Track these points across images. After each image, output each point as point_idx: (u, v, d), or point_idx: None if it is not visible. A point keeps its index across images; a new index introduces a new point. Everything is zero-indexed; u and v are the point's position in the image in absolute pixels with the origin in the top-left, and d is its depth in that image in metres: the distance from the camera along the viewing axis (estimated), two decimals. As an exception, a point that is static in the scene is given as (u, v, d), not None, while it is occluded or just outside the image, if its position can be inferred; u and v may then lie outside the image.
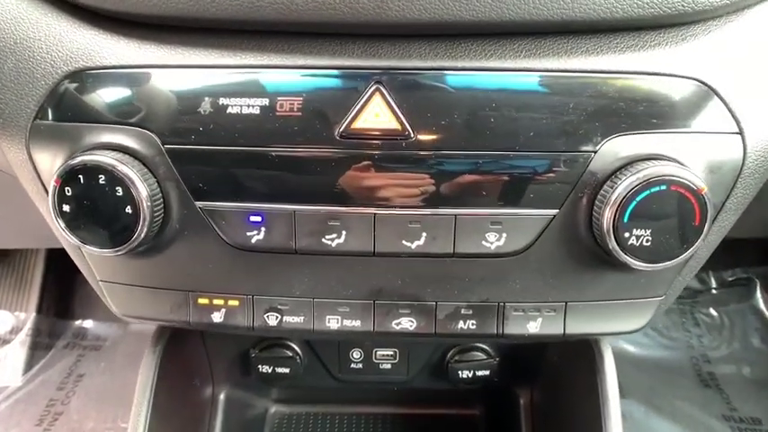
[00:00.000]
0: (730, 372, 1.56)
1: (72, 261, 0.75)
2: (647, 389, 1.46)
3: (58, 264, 1.78)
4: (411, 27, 0.57)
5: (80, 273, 0.75)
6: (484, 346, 0.99)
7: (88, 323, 1.79)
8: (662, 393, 1.46)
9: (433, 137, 0.59)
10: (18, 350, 1.68)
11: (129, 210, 0.59)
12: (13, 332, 1.72)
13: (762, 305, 1.70)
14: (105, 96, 0.61)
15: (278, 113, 0.58)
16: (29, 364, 1.66)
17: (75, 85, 0.61)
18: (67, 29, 0.61)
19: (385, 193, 0.61)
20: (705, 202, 0.57)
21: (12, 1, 0.61)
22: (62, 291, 1.81)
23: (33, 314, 1.74)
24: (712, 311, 1.70)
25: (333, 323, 0.70)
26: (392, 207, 0.61)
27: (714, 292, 1.73)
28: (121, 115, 0.60)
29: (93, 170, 0.58)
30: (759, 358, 1.59)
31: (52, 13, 0.61)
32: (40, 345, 1.72)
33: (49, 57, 0.61)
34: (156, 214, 0.61)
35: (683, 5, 0.56)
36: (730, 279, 1.73)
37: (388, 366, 1.00)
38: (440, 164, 0.60)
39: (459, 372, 0.99)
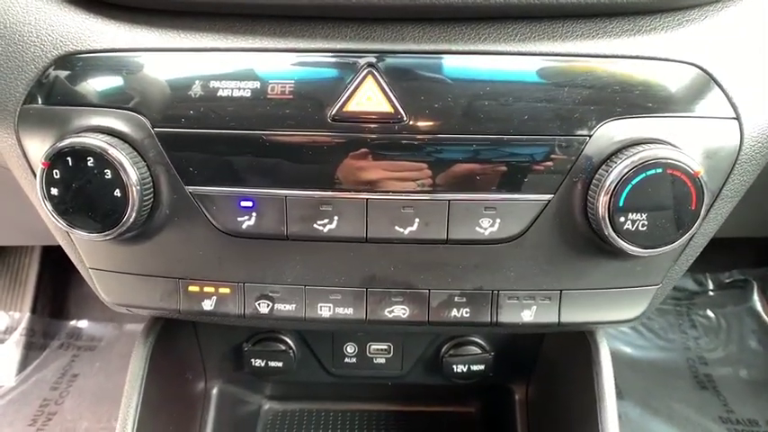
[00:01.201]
0: (727, 374, 1.55)
1: (67, 260, 0.74)
2: (644, 390, 1.45)
3: (53, 263, 1.78)
4: (405, 10, 0.57)
5: (75, 272, 0.74)
6: (479, 340, 0.98)
7: (83, 323, 1.78)
8: (658, 395, 1.45)
9: (426, 121, 0.58)
10: (12, 350, 1.67)
11: (117, 194, 0.59)
12: (7, 332, 1.72)
13: (759, 307, 1.69)
14: (95, 80, 0.60)
15: (269, 97, 0.58)
16: (23, 364, 1.65)
17: (64, 68, 0.60)
18: (57, 12, 0.61)
19: (377, 178, 0.60)
20: (702, 186, 0.56)
21: None
22: (57, 290, 1.80)
23: (28, 314, 1.73)
24: (709, 313, 1.69)
25: (325, 311, 0.69)
26: (385, 192, 0.61)
27: (711, 293, 1.73)
28: (111, 99, 0.60)
29: (81, 153, 0.58)
30: (756, 360, 1.58)
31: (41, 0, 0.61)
32: (35, 345, 1.71)
33: (39, 41, 0.60)
34: (145, 199, 0.60)
35: None
36: (727, 281, 1.73)
37: (383, 361, 1.00)
38: (433, 148, 0.59)
39: (454, 366, 0.98)
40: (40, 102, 0.61)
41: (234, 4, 0.58)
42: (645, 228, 0.57)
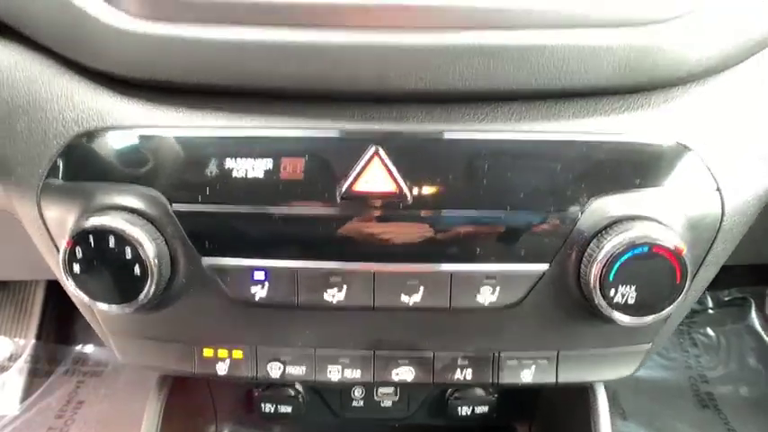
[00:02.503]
0: (728, 392, 1.57)
1: None
2: (648, 411, 1.47)
3: (59, 289, 1.77)
4: (407, 95, 0.60)
5: None
6: None
7: (89, 348, 1.78)
8: (662, 415, 1.47)
9: (429, 198, 0.61)
10: (16, 378, 1.66)
11: (137, 270, 0.61)
12: (11, 359, 1.72)
13: (757, 325, 1.71)
14: (115, 156, 0.63)
15: (281, 175, 0.61)
16: (27, 392, 1.64)
17: (85, 144, 0.62)
18: (80, 89, 0.63)
19: (384, 252, 0.63)
20: (685, 263, 0.59)
21: (26, 60, 0.63)
22: (62, 315, 1.80)
23: (33, 340, 1.73)
24: (709, 331, 1.71)
25: (334, 373, 0.71)
26: (391, 264, 0.63)
27: (711, 312, 1.74)
28: (130, 175, 0.62)
29: (102, 233, 0.60)
30: (755, 378, 1.60)
31: (64, 74, 0.63)
32: (39, 371, 1.71)
33: (61, 117, 0.62)
34: (164, 273, 0.62)
35: (667, 73, 0.59)
36: (726, 299, 1.74)
37: (389, 404, 1.02)
38: (436, 223, 0.62)
39: (459, 408, 1.00)
40: (61, 176, 0.63)
41: (249, 88, 0.60)
42: (633, 300, 0.60)
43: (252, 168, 0.60)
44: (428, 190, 0.61)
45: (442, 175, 0.60)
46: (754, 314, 1.71)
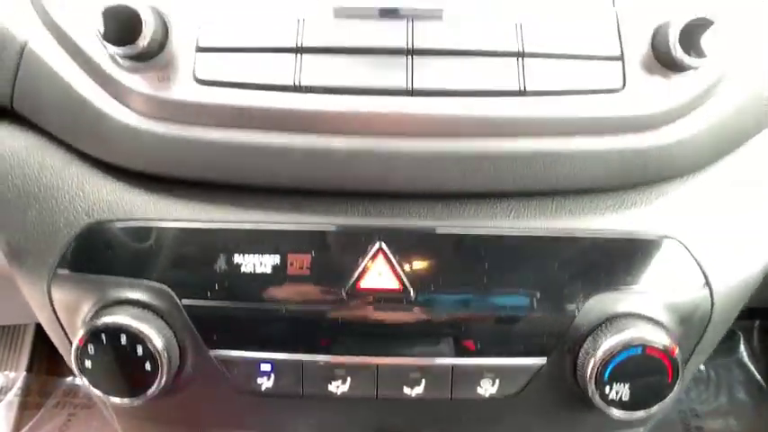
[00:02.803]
0: (718, 427, 1.59)
1: None
2: (639, 446, 1.48)
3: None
4: (410, 194, 0.62)
5: None
6: None
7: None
8: (654, 451, 1.48)
9: (431, 293, 0.62)
10: (6, 411, 1.65)
11: (148, 366, 0.61)
12: (1, 392, 1.70)
13: (746, 358, 1.73)
14: (125, 250, 0.63)
15: (288, 272, 0.62)
16: (18, 425, 1.63)
17: (95, 236, 0.63)
18: (90, 179, 0.64)
19: (387, 345, 0.64)
20: (677, 362, 0.61)
21: (37, 145, 0.64)
22: (53, 348, 1.78)
23: (23, 373, 1.72)
24: (700, 365, 1.73)
25: None
26: (394, 357, 0.64)
27: (700, 345, 1.77)
28: (140, 270, 0.63)
29: (114, 330, 0.60)
30: (744, 412, 1.62)
31: (75, 161, 0.64)
32: (30, 404, 1.70)
33: (72, 207, 0.63)
34: (173, 365, 0.63)
35: (657, 174, 0.63)
36: (716, 333, 1.77)
37: None
38: (438, 318, 0.63)
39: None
40: (71, 267, 0.64)
41: (259, 186, 0.62)
42: (627, 397, 0.62)
43: (259, 264, 0.61)
44: (430, 286, 0.62)
45: (443, 271, 0.62)
46: (743, 347, 1.74)
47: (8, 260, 0.66)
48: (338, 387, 0.65)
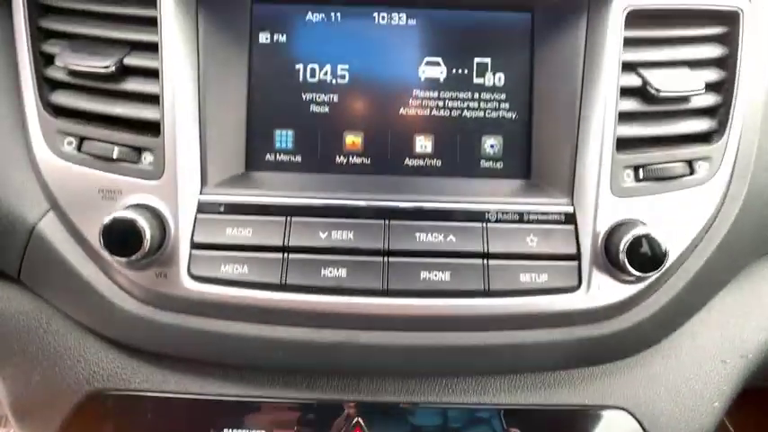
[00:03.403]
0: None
1: None
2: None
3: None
4: (384, 374, 0.69)
5: None
6: None
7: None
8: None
9: None
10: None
11: None
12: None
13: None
14: (121, 419, 0.68)
15: None
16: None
17: (95, 405, 0.68)
18: (91, 347, 0.69)
19: None
20: None
21: (41, 309, 0.69)
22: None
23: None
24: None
25: None
26: None
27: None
28: None
29: None
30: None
31: (77, 329, 0.69)
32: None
33: (73, 373, 0.68)
34: None
35: (611, 356, 0.70)
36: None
37: None
38: None
39: None
40: None
41: (245, 366, 0.68)
42: None
43: None
44: None
45: None
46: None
47: (14, 419, 0.71)
48: None
